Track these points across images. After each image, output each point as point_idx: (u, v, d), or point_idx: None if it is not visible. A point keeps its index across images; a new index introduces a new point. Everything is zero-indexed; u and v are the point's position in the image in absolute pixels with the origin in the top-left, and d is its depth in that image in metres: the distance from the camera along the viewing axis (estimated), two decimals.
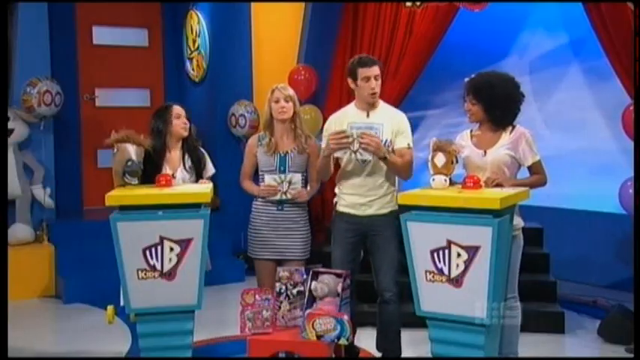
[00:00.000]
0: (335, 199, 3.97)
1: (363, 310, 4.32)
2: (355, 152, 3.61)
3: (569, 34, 6.33)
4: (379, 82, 3.80)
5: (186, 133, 4.00)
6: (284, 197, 3.92)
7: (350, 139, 3.59)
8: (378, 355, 4.06)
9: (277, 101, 3.93)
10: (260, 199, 4.01)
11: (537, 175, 3.63)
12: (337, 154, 3.75)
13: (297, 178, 3.92)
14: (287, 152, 3.95)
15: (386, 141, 3.76)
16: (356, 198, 3.83)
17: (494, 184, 3.41)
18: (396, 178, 3.87)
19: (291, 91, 3.99)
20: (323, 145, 3.84)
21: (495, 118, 3.62)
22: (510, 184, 3.48)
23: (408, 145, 3.80)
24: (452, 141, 3.48)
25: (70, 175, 7.00)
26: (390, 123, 3.79)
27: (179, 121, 3.97)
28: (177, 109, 4.01)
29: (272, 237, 3.96)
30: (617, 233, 5.59)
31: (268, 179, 3.92)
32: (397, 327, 3.91)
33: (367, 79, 3.77)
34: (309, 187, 4.03)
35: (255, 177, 4.14)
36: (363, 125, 3.79)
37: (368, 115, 3.83)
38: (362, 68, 3.79)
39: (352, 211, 3.85)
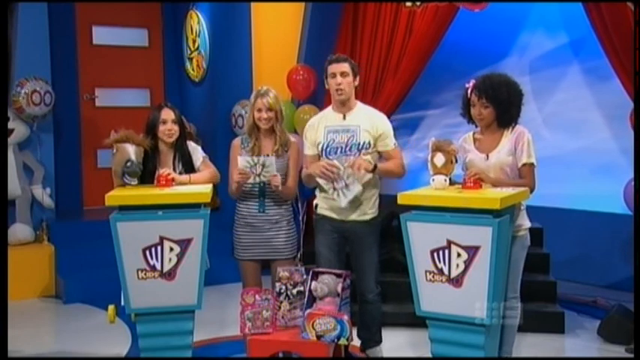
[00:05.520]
0: (315, 201, 3.95)
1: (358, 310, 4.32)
2: (334, 184, 3.68)
3: (569, 34, 6.32)
4: (348, 79, 3.77)
5: (169, 140, 3.85)
6: (257, 180, 3.75)
7: (337, 175, 3.66)
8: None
9: (260, 110, 3.85)
10: (241, 203, 3.91)
11: (525, 180, 3.52)
12: (320, 181, 3.77)
13: (271, 161, 3.72)
14: (268, 155, 3.82)
15: (363, 143, 3.77)
16: (337, 202, 3.79)
17: (475, 177, 3.35)
18: (379, 183, 3.87)
19: (273, 98, 3.85)
20: (306, 151, 3.88)
21: (506, 119, 3.56)
22: (492, 181, 3.44)
23: (395, 145, 3.83)
24: (451, 141, 3.46)
25: (70, 175, 7.01)
26: (367, 124, 3.79)
27: (163, 127, 3.83)
28: (164, 114, 3.84)
29: (255, 239, 3.89)
30: (617, 233, 5.59)
31: (241, 161, 3.73)
32: (380, 321, 4.00)
33: (333, 75, 3.79)
34: (287, 184, 3.89)
35: None
36: (339, 128, 3.80)
37: (344, 118, 3.83)
38: (330, 65, 3.83)
39: (333, 215, 3.85)
